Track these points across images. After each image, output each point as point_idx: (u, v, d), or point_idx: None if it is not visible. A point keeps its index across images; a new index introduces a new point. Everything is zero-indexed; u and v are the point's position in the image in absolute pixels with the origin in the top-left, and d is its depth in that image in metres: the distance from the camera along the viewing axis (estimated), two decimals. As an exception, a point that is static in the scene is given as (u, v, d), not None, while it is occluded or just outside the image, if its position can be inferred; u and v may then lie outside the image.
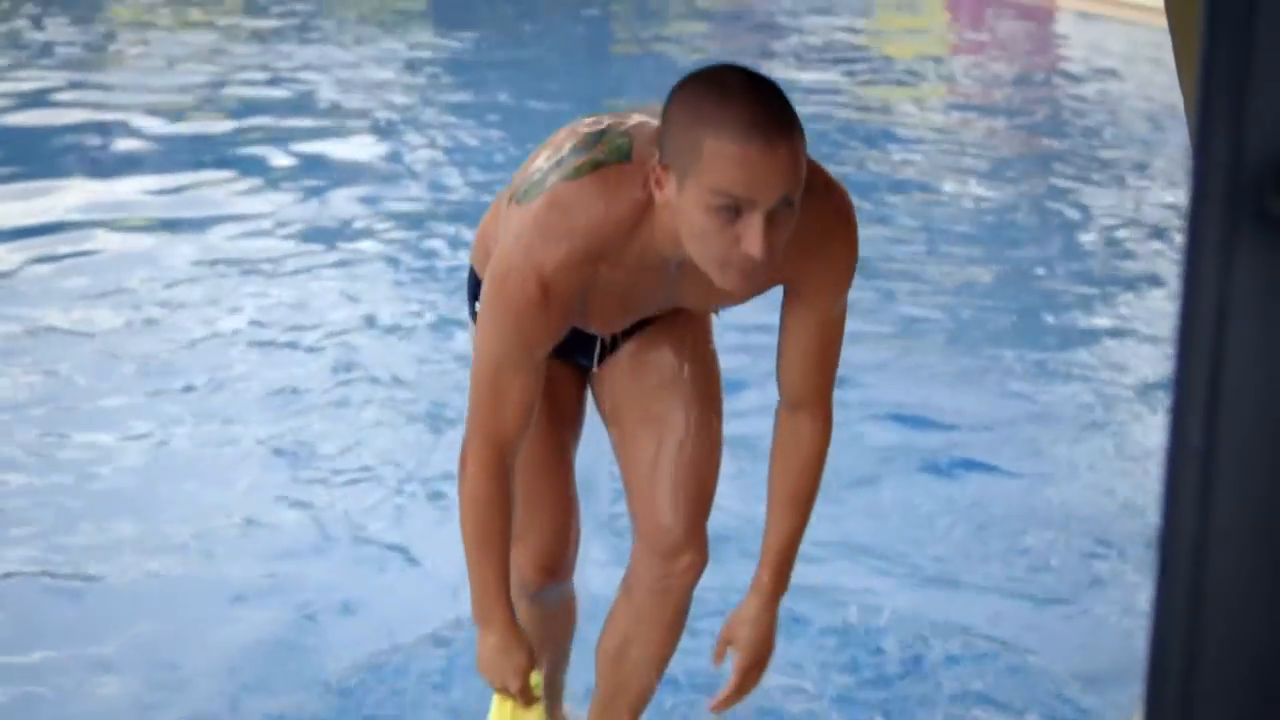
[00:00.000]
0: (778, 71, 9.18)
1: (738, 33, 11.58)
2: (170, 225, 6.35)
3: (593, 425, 2.58)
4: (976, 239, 6.35)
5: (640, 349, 2.48)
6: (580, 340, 2.39)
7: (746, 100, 1.93)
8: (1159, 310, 5.41)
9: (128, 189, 6.86)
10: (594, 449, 2.58)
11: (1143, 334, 5.21)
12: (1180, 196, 6.72)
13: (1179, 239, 6.51)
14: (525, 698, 2.38)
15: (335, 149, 7.62)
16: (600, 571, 2.90)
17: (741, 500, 3.37)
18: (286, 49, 10.18)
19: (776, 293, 2.23)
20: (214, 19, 11.45)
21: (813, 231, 2.10)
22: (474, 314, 2.37)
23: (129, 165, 7.29)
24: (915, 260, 5.99)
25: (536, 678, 2.39)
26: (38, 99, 8.50)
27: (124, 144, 7.70)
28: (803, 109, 1.96)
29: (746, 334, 3.84)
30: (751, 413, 3.49)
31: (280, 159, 7.38)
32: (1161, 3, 2.08)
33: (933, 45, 11.89)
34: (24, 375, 4.72)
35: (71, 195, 6.72)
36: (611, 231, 2.09)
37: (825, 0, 12.21)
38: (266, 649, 3.28)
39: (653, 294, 2.23)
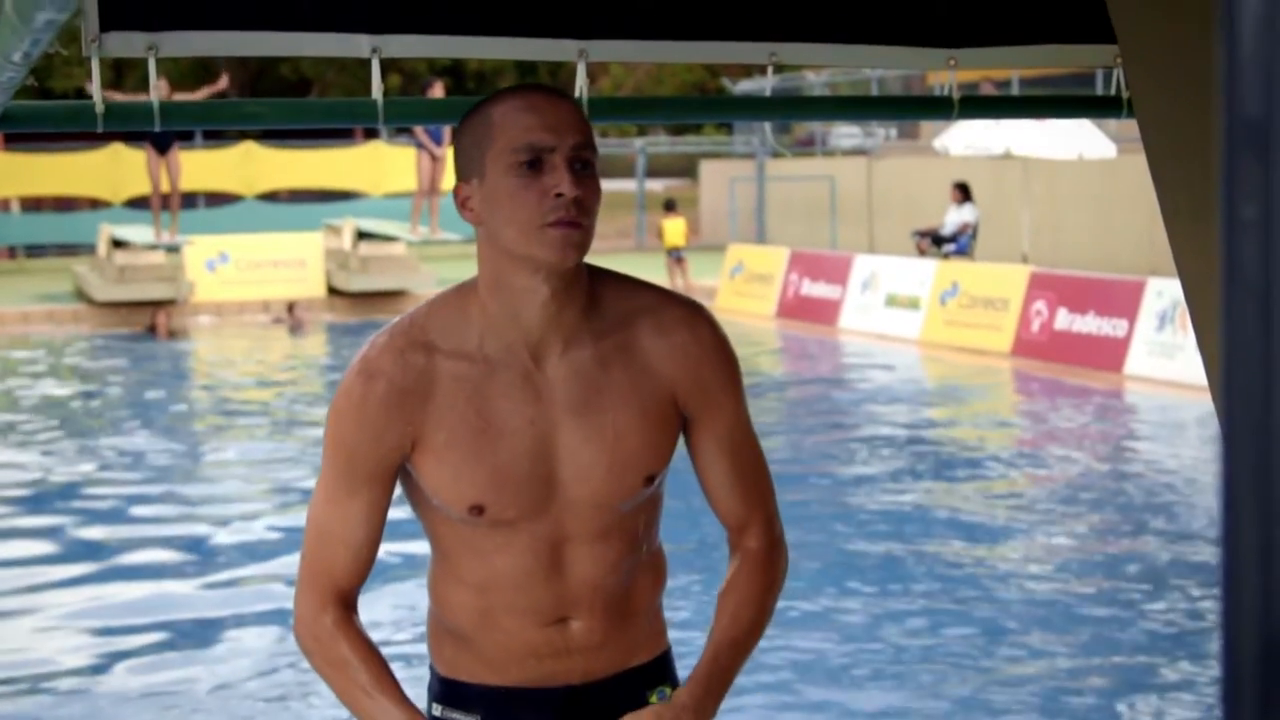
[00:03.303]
0: (847, 467, 9.31)
1: (806, 417, 11.47)
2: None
3: None
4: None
5: None
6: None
7: (524, 85, 2.08)
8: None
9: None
10: None
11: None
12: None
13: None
14: None
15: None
16: None
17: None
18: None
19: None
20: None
21: (680, 326, 2.12)
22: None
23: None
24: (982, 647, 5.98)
25: None
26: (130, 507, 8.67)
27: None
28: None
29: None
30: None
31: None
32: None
33: (1002, 408, 12.16)
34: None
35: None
36: (435, 315, 2.07)
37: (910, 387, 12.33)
38: None
39: (517, 408, 2.05)
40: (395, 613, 6.30)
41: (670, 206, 20.70)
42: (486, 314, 2.05)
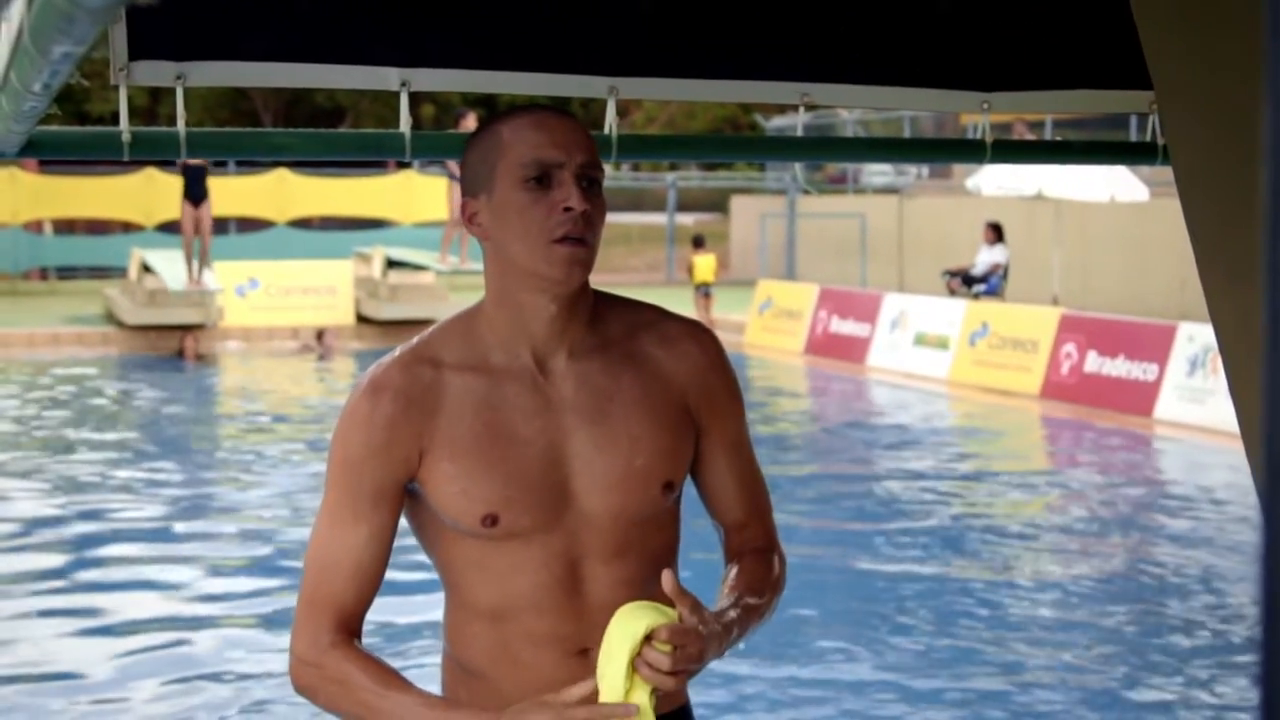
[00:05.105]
0: (872, 506, 9.18)
1: (830, 454, 11.28)
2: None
3: None
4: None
5: None
6: None
7: (533, 104, 2.10)
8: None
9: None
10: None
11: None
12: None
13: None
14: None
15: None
16: None
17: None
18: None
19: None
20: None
21: (684, 337, 2.14)
22: None
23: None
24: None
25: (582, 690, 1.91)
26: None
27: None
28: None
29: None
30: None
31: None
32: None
33: (1031, 450, 12.09)
34: None
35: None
36: (440, 335, 2.08)
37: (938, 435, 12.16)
38: None
39: (526, 417, 2.03)
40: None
41: (699, 243, 20.69)
42: (494, 328, 2.06)
